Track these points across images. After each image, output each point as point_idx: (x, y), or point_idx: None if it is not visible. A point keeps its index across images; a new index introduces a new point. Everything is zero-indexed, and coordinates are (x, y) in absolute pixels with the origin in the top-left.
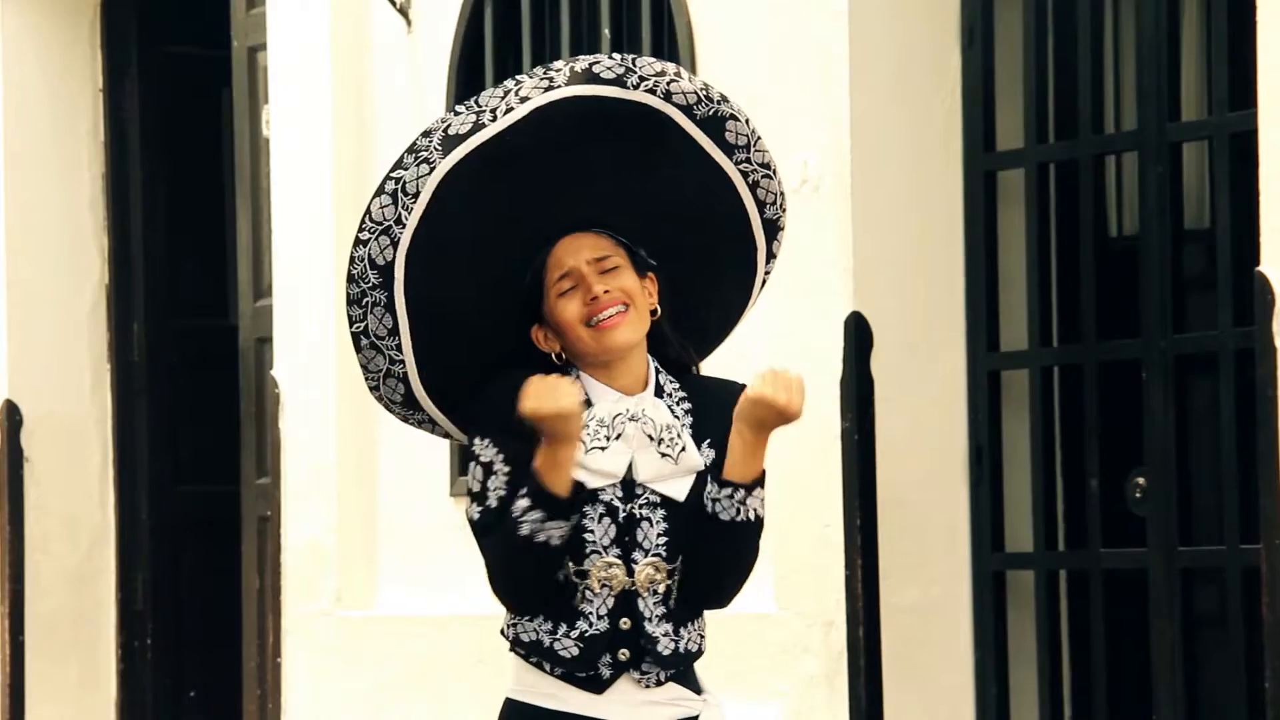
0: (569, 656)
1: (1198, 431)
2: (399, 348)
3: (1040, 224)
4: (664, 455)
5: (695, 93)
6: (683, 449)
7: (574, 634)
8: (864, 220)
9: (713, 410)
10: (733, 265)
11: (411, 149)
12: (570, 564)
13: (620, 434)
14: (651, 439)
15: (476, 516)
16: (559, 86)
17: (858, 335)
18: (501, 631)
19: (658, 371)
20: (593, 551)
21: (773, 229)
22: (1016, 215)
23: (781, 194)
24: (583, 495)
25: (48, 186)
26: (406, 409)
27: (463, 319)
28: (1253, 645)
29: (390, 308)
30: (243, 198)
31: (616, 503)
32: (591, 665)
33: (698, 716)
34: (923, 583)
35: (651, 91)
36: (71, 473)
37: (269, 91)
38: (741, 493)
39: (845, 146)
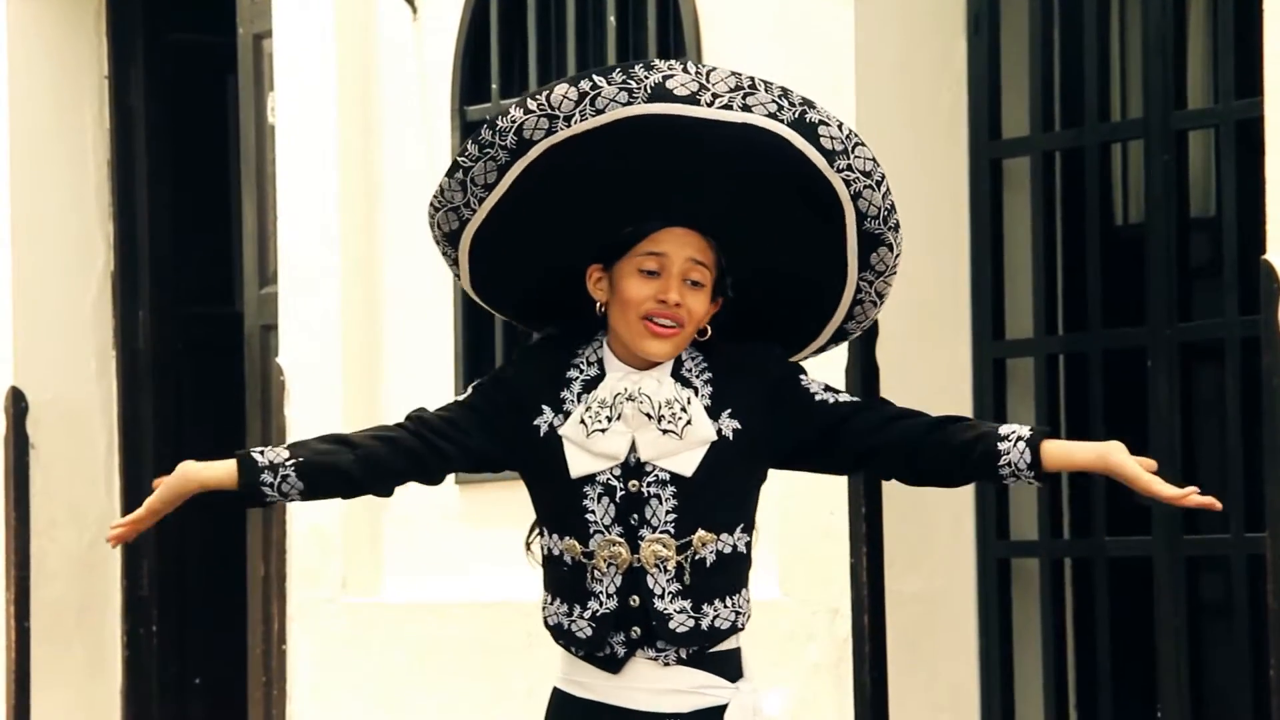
0: (584, 637)
1: (1203, 420)
2: (481, 201)
3: (1046, 212)
4: (666, 432)
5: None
6: (688, 423)
7: (586, 614)
8: None
9: (736, 379)
10: (806, 290)
11: (624, 69)
12: (576, 545)
13: (620, 414)
14: (650, 417)
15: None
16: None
17: None
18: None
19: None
20: (596, 531)
21: (871, 242)
22: (1022, 203)
23: (889, 210)
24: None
25: (53, 174)
26: (446, 242)
27: (541, 226)
28: (1258, 633)
29: (502, 171)
30: (248, 185)
31: (614, 482)
32: (604, 645)
33: (726, 706)
34: (928, 570)
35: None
36: (77, 459)
37: (274, 79)
38: None
39: None
